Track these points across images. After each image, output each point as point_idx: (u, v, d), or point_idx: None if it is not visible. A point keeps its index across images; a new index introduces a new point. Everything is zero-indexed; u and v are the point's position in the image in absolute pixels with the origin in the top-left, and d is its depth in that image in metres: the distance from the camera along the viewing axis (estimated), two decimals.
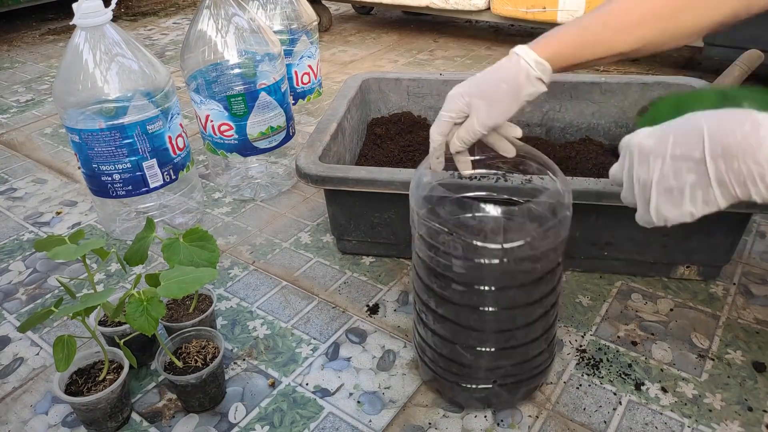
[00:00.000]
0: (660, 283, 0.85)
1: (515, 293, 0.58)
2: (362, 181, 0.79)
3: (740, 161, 0.42)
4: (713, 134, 0.43)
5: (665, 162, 0.45)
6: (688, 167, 0.45)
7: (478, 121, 0.60)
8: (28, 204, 1.15)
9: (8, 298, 0.90)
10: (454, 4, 1.77)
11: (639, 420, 0.66)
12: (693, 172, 0.44)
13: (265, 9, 1.26)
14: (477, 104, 0.60)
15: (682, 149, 0.45)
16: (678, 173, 0.45)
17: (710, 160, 0.43)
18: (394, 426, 0.67)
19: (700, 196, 0.45)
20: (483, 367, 0.63)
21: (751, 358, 0.73)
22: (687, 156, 0.44)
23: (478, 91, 0.60)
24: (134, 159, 0.91)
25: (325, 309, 0.84)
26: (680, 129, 0.45)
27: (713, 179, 0.44)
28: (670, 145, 0.45)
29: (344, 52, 1.92)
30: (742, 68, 0.88)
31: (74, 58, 0.86)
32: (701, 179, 0.44)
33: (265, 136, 1.04)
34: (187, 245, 0.69)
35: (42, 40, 2.22)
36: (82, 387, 0.66)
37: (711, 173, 0.44)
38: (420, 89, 1.12)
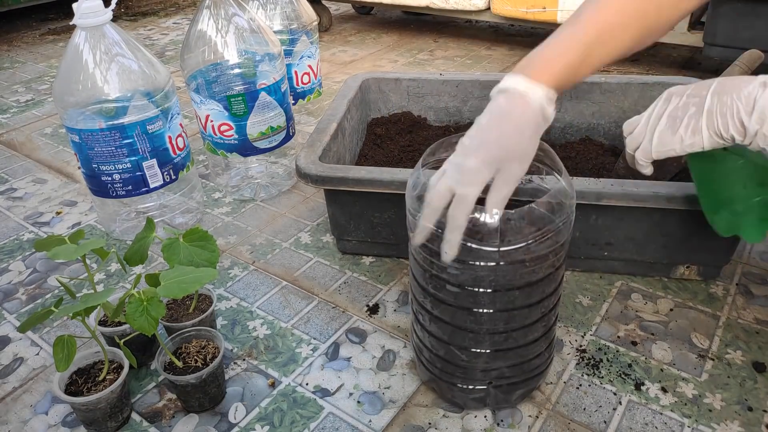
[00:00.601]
0: (660, 283, 0.85)
1: (512, 295, 0.58)
2: (362, 181, 0.79)
3: (728, 95, 0.51)
4: (722, 80, 0.53)
5: (681, 98, 0.55)
6: (694, 102, 0.54)
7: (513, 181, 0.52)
8: (28, 204, 1.15)
9: (8, 298, 0.90)
10: (454, 4, 1.77)
11: (639, 420, 0.66)
12: (695, 105, 0.54)
13: (265, 9, 1.26)
14: (508, 167, 0.52)
15: (696, 90, 0.54)
16: (686, 106, 0.55)
17: (710, 95, 0.53)
18: (394, 426, 0.67)
19: (692, 124, 0.54)
20: (479, 368, 0.63)
21: (751, 358, 0.73)
22: (697, 93, 0.54)
23: (507, 154, 0.51)
24: (134, 159, 0.91)
25: (325, 309, 0.84)
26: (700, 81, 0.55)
27: (705, 109, 0.53)
28: (691, 88, 0.55)
29: (344, 52, 1.92)
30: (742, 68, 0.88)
31: (74, 58, 0.86)
32: (698, 110, 0.54)
33: (265, 136, 1.04)
34: (187, 245, 0.69)
35: (42, 40, 2.22)
36: (82, 387, 0.66)
37: (705, 104, 0.53)
38: (420, 89, 1.12)
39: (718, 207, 0.67)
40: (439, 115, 1.14)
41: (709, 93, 0.53)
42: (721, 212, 0.67)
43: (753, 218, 0.65)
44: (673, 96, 0.57)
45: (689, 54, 1.78)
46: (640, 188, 0.73)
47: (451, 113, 1.13)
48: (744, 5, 1.29)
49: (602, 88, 1.04)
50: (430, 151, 0.63)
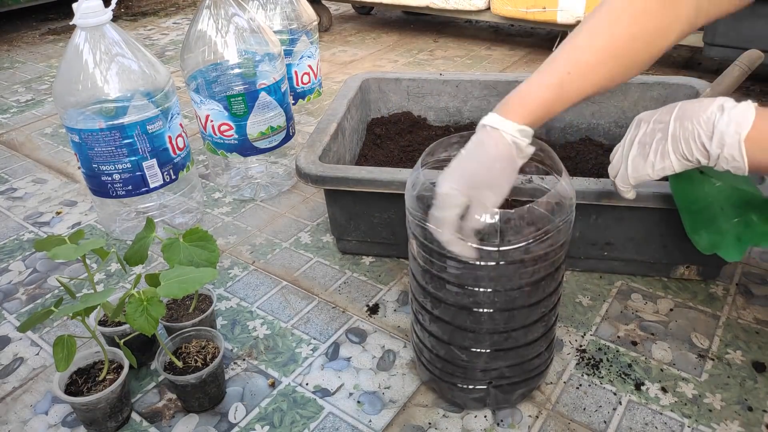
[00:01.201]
0: (660, 283, 0.85)
1: (512, 295, 0.58)
2: (362, 181, 0.79)
3: (689, 120, 0.54)
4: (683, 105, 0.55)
5: (649, 125, 0.58)
6: (660, 128, 0.56)
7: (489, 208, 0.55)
8: (28, 204, 1.15)
9: (8, 298, 0.90)
10: (454, 4, 1.77)
11: (639, 420, 0.66)
12: (661, 131, 0.56)
13: (265, 9, 1.26)
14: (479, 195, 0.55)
15: (661, 116, 0.57)
16: (653, 132, 0.57)
17: (673, 120, 0.55)
18: (394, 426, 0.67)
19: (660, 149, 0.56)
20: (479, 368, 0.63)
21: (751, 358, 0.73)
22: (662, 119, 0.56)
23: (477, 182, 0.55)
24: (134, 159, 0.91)
25: (325, 309, 0.84)
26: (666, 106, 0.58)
27: (670, 134, 0.55)
28: (656, 114, 0.58)
29: (344, 52, 1.92)
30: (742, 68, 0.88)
31: (74, 58, 0.86)
32: (663, 135, 0.56)
33: (265, 136, 1.04)
34: (187, 245, 0.69)
35: (42, 40, 2.22)
36: (82, 387, 0.66)
37: (669, 129, 0.55)
38: (420, 89, 1.12)
39: (698, 227, 0.69)
40: (439, 115, 1.14)
41: (672, 118, 0.55)
42: (701, 232, 0.69)
43: (731, 238, 0.66)
44: (642, 122, 0.59)
45: (689, 54, 1.78)
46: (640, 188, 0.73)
47: (451, 113, 1.13)
48: None
49: None
50: (429, 151, 0.63)
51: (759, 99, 1.44)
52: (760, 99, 1.44)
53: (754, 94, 1.47)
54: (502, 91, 1.09)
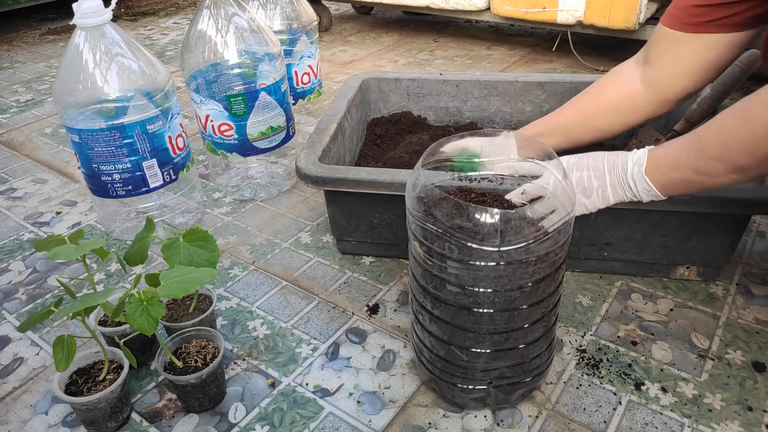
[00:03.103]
0: (660, 284, 0.85)
1: (512, 295, 0.58)
2: (362, 182, 0.79)
3: (617, 171, 0.67)
4: (609, 157, 0.69)
5: (582, 171, 0.69)
6: (597, 176, 0.68)
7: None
8: (28, 204, 1.15)
9: (8, 298, 0.90)
10: (454, 4, 1.77)
11: (639, 420, 0.66)
12: (597, 179, 0.68)
13: (265, 9, 1.26)
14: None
15: (595, 164, 0.69)
16: (590, 179, 0.69)
17: (607, 172, 0.68)
18: (394, 426, 0.67)
19: (601, 195, 0.69)
20: (479, 368, 0.63)
21: (751, 358, 0.73)
22: (597, 168, 0.69)
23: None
24: (134, 159, 0.91)
25: (325, 309, 0.84)
26: (592, 154, 0.70)
27: (608, 184, 0.68)
28: (585, 160, 0.70)
29: (344, 52, 1.92)
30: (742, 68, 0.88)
31: (74, 58, 0.86)
32: (602, 183, 0.68)
33: (265, 136, 1.04)
34: (187, 245, 0.69)
35: (42, 40, 2.22)
36: (82, 387, 0.66)
37: (608, 180, 0.68)
38: (420, 89, 1.12)
39: None
40: (439, 115, 1.14)
41: (606, 170, 0.68)
42: None
43: None
44: (574, 168, 0.70)
45: None
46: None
47: (451, 113, 1.13)
48: None
49: None
50: (430, 151, 0.63)
51: None
52: None
53: None
54: (502, 91, 1.09)
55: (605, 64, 1.69)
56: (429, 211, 0.57)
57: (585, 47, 1.81)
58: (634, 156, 0.67)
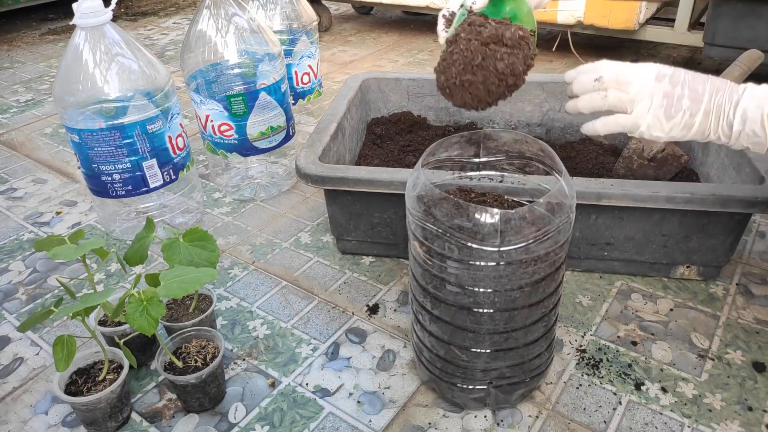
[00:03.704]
0: (660, 283, 0.85)
1: (512, 295, 0.58)
2: (362, 181, 0.79)
3: (721, 98, 0.57)
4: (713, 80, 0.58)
5: (676, 87, 0.59)
6: (691, 97, 0.58)
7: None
8: (28, 204, 1.15)
9: (8, 298, 0.90)
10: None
11: (639, 420, 0.66)
12: (691, 99, 0.58)
13: (265, 9, 1.26)
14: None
15: (693, 83, 0.58)
16: (680, 99, 0.58)
17: (708, 94, 0.58)
18: (394, 426, 0.67)
19: (686, 120, 0.59)
20: (479, 368, 0.63)
21: (751, 358, 0.73)
22: (694, 88, 0.58)
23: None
24: (134, 159, 0.91)
25: (325, 309, 0.84)
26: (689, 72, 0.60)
27: (702, 109, 0.58)
28: (682, 75, 0.59)
29: (344, 52, 1.92)
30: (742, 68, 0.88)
31: (74, 58, 0.86)
32: (694, 107, 0.58)
33: (265, 136, 1.04)
34: (187, 245, 0.69)
35: (42, 40, 2.22)
36: (82, 387, 0.66)
37: (703, 103, 0.58)
38: (420, 89, 1.12)
39: None
40: (439, 115, 1.14)
41: (706, 93, 0.58)
42: None
43: None
44: (666, 78, 0.60)
45: (689, 54, 1.78)
46: (640, 188, 0.73)
47: (451, 113, 1.13)
48: (744, 5, 1.29)
49: None
50: (429, 151, 0.63)
51: None
52: None
53: None
54: None
55: None
56: (429, 211, 0.57)
57: (585, 47, 1.81)
58: (753, 90, 0.57)
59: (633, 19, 1.51)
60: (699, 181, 0.93)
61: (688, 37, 1.52)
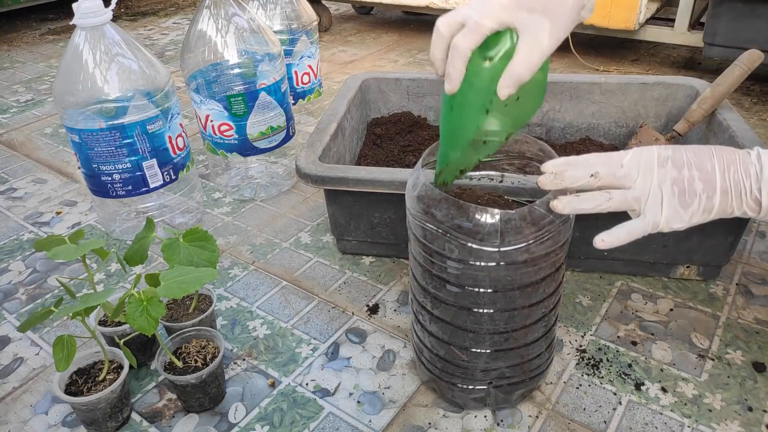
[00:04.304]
0: (660, 283, 0.85)
1: (513, 296, 0.58)
2: (362, 181, 0.79)
3: (735, 170, 0.51)
4: (719, 152, 0.52)
5: (682, 170, 0.52)
6: (700, 177, 0.52)
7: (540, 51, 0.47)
8: (28, 204, 1.15)
9: (8, 298, 0.90)
10: (454, 4, 1.77)
11: (639, 420, 0.66)
12: (702, 181, 0.52)
13: (265, 9, 1.26)
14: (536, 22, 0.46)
15: (700, 162, 0.52)
16: (691, 181, 0.52)
17: (719, 172, 0.52)
18: (394, 426, 0.67)
19: (704, 204, 0.52)
20: (479, 368, 0.63)
21: (751, 358, 0.73)
22: (700, 166, 0.52)
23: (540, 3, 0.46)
24: (134, 159, 0.91)
25: (325, 309, 0.84)
26: (690, 147, 0.54)
27: (719, 189, 0.52)
28: (687, 155, 0.53)
29: (344, 52, 1.92)
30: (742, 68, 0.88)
31: (74, 58, 0.86)
32: (708, 188, 0.52)
33: (265, 136, 1.04)
34: (187, 245, 0.69)
35: (42, 40, 2.22)
36: (82, 387, 0.66)
37: (718, 183, 0.52)
38: (420, 89, 1.12)
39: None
40: (439, 115, 1.14)
41: (716, 169, 0.52)
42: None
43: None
44: (669, 162, 0.53)
45: (689, 54, 1.78)
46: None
47: None
48: (744, 5, 1.29)
49: (602, 88, 1.04)
50: (430, 151, 0.63)
51: (759, 99, 1.44)
52: (760, 99, 1.44)
53: (754, 94, 1.47)
54: None
55: (605, 64, 1.69)
56: (429, 211, 0.57)
57: (585, 47, 1.81)
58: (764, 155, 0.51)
59: (633, 19, 1.51)
60: None
61: (688, 37, 1.52)
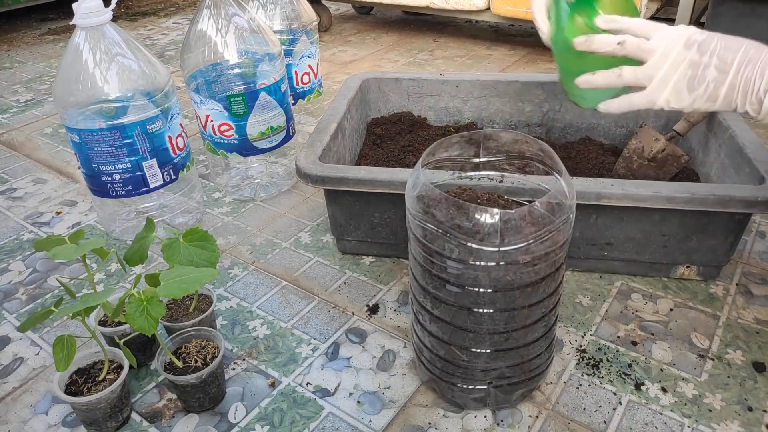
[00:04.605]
0: (660, 283, 0.85)
1: (512, 295, 0.58)
2: (362, 181, 0.79)
3: (752, 71, 0.53)
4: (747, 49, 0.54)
5: (704, 56, 0.55)
6: (719, 67, 0.54)
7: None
8: (28, 204, 1.15)
9: (8, 298, 0.90)
10: (454, 4, 1.77)
11: (639, 420, 0.66)
12: (718, 70, 0.54)
13: (265, 9, 1.26)
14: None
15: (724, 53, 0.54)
16: (707, 68, 0.54)
17: (736, 66, 0.53)
18: (394, 426, 0.67)
19: (710, 91, 0.55)
20: (479, 368, 0.63)
21: (751, 358, 0.73)
22: (724, 59, 0.54)
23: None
24: (134, 159, 0.91)
25: (325, 309, 0.84)
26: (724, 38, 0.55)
27: (728, 82, 0.54)
28: (713, 42, 0.55)
29: (344, 52, 1.92)
30: None
31: (74, 58, 0.86)
32: (720, 79, 0.54)
33: (265, 136, 1.04)
34: (187, 245, 0.69)
35: (42, 40, 2.22)
36: (82, 387, 0.66)
37: (729, 76, 0.54)
38: (420, 89, 1.12)
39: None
40: (439, 115, 1.14)
41: (734, 64, 0.54)
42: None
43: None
44: (695, 47, 0.55)
45: None
46: (640, 188, 0.73)
47: (451, 113, 1.13)
48: (744, 5, 1.29)
49: None
50: (429, 151, 0.63)
51: None
52: None
53: None
54: (502, 91, 1.09)
55: None
56: (429, 211, 0.57)
57: None
58: None
59: None
60: (699, 181, 0.93)
61: None
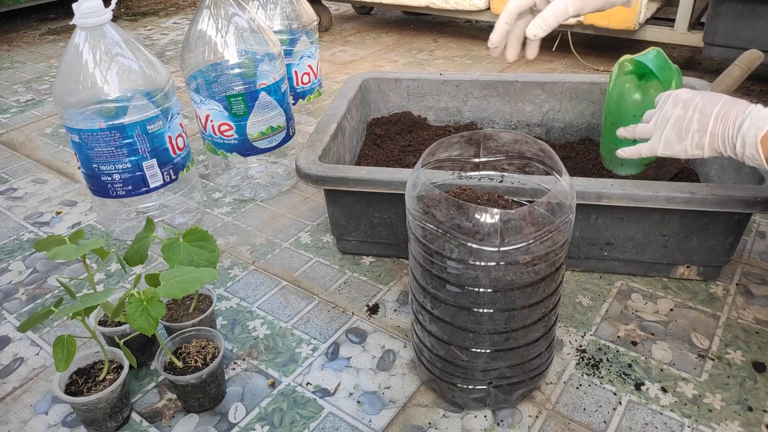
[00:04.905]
0: (660, 283, 0.85)
1: (512, 295, 0.58)
2: (362, 181, 0.79)
3: (726, 122, 0.60)
4: (725, 104, 0.61)
5: (688, 111, 0.63)
6: (698, 119, 0.62)
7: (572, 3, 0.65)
8: (28, 204, 1.15)
9: (8, 298, 0.90)
10: (454, 4, 1.77)
11: (639, 420, 0.66)
12: (699, 122, 0.62)
13: (265, 9, 1.26)
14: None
15: (704, 107, 0.62)
16: (690, 121, 0.63)
17: (714, 118, 0.61)
18: (394, 426, 0.67)
19: (696, 141, 0.63)
20: (479, 368, 0.63)
21: (751, 358, 0.73)
22: (704, 112, 0.62)
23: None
24: (134, 159, 0.91)
25: (325, 309, 0.84)
26: (707, 95, 0.63)
27: (709, 131, 0.62)
28: (696, 98, 0.63)
29: (344, 52, 1.92)
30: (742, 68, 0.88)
31: (74, 58, 0.86)
32: (701, 128, 0.62)
33: (265, 136, 1.04)
34: (187, 245, 0.69)
35: (42, 40, 2.22)
36: (82, 387, 0.66)
37: (709, 127, 0.61)
38: (420, 89, 1.12)
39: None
40: (439, 115, 1.14)
41: (713, 115, 0.61)
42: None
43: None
44: (680, 103, 0.64)
45: (689, 54, 1.78)
46: (640, 188, 0.73)
47: (451, 113, 1.13)
48: (744, 5, 1.29)
49: (602, 88, 1.04)
50: (429, 151, 0.63)
51: (759, 99, 1.44)
52: (761, 99, 1.44)
53: (754, 94, 1.47)
54: (502, 91, 1.09)
55: (605, 64, 1.69)
56: (429, 211, 0.57)
57: (585, 47, 1.81)
58: (756, 113, 0.59)
59: (633, 19, 1.51)
60: (699, 181, 0.93)
61: (688, 37, 1.52)
